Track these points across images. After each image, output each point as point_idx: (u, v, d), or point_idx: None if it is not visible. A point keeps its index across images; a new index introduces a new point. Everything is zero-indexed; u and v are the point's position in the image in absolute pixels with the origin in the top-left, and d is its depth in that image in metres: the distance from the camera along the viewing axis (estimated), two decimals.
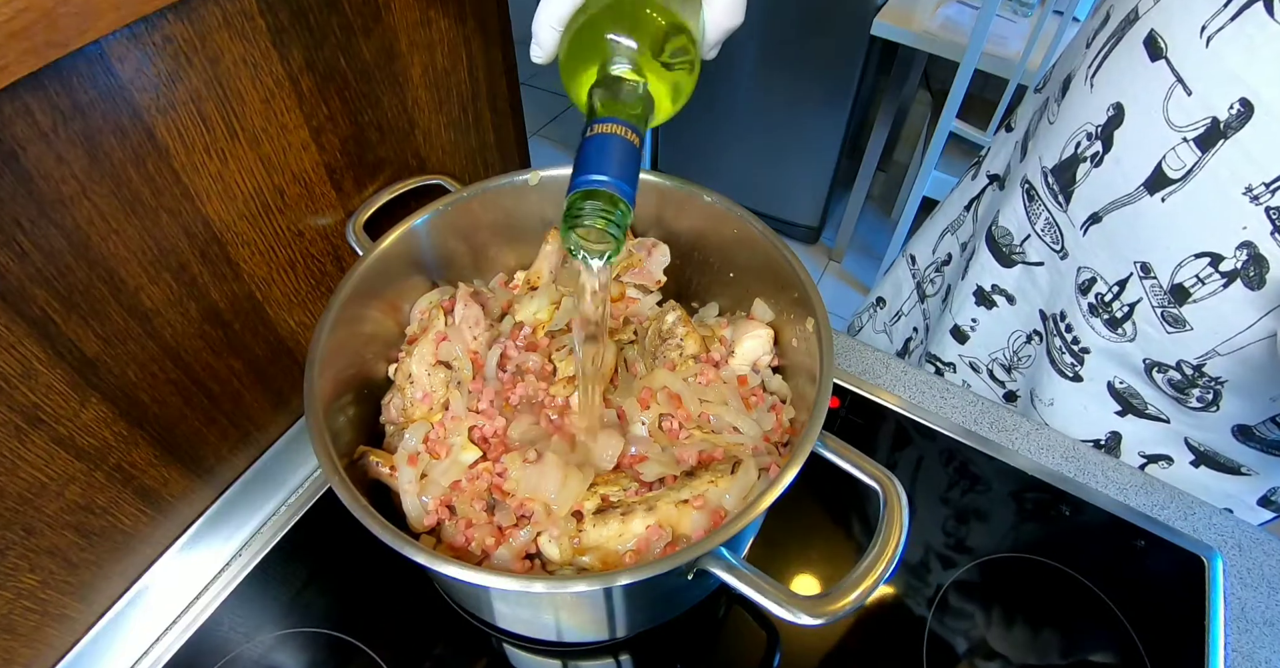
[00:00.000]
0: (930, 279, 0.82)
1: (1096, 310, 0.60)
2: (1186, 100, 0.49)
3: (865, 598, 0.39)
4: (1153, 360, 0.58)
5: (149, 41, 0.41)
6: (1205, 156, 0.48)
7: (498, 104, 0.73)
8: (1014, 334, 0.71)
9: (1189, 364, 0.56)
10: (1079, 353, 0.63)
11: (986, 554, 0.61)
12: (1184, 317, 0.54)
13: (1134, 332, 0.58)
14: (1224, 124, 0.47)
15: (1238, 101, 0.46)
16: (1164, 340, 0.56)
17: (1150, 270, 0.54)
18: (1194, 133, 0.48)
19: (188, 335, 0.52)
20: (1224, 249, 0.50)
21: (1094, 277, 0.59)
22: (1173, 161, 0.50)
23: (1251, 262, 0.49)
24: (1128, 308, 0.57)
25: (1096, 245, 0.58)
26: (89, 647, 0.54)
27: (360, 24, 0.54)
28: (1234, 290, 0.50)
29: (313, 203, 0.58)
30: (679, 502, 0.47)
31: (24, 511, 0.46)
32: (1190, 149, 0.49)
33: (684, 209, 0.61)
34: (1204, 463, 0.64)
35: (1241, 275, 0.49)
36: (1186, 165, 0.50)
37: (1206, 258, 0.51)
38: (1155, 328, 0.56)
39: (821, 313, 0.50)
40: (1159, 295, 0.55)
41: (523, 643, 0.57)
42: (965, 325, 0.75)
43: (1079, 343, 0.62)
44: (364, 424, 0.56)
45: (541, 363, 0.56)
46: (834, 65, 1.81)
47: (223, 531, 0.61)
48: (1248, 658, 0.56)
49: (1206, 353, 0.55)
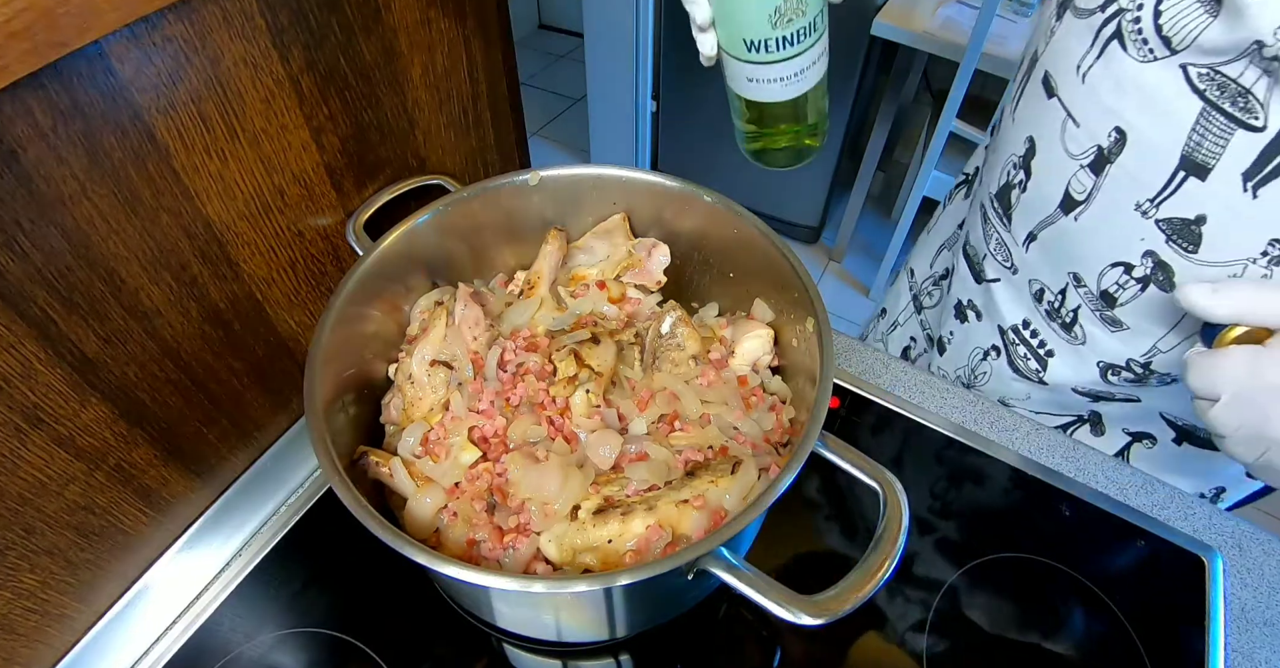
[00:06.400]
0: (928, 292, 0.85)
1: (1052, 316, 0.64)
2: (1077, 132, 0.54)
3: (866, 598, 0.39)
4: (1105, 362, 0.62)
5: (149, 41, 0.41)
6: (1099, 180, 0.54)
7: (498, 104, 0.73)
8: (974, 351, 0.75)
9: (1138, 362, 0.60)
10: (1044, 357, 0.67)
11: (986, 554, 0.61)
12: (1118, 318, 0.58)
13: (1084, 334, 0.62)
14: (1107, 151, 0.52)
15: (1114, 130, 0.51)
16: (1110, 341, 0.60)
17: (1081, 280, 0.59)
18: (1086, 160, 0.54)
19: (188, 335, 0.52)
20: (1132, 258, 0.54)
21: (1042, 287, 0.63)
22: (1076, 186, 0.56)
23: (1157, 268, 0.53)
24: (1073, 314, 0.62)
25: (1037, 260, 0.62)
26: (89, 647, 0.54)
27: (360, 24, 0.54)
28: (1151, 293, 0.55)
29: (313, 203, 0.58)
30: (679, 502, 0.47)
31: (24, 511, 0.46)
32: (1087, 174, 0.54)
33: (684, 209, 0.61)
34: (1186, 440, 0.66)
35: (1153, 281, 0.54)
36: (1087, 188, 0.55)
37: (1120, 267, 0.55)
38: (1100, 329, 0.60)
39: (821, 313, 0.50)
40: (1092, 301, 0.59)
41: (523, 643, 0.57)
42: (945, 337, 0.79)
43: (1045, 346, 0.66)
44: (364, 424, 0.56)
45: (541, 363, 0.57)
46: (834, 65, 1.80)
47: (223, 531, 0.61)
48: (1248, 658, 0.56)
49: (1149, 351, 0.58)
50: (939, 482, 0.66)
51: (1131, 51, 0.48)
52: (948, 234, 0.81)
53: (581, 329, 0.59)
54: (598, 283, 0.64)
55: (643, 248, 0.64)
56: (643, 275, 0.65)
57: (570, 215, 0.64)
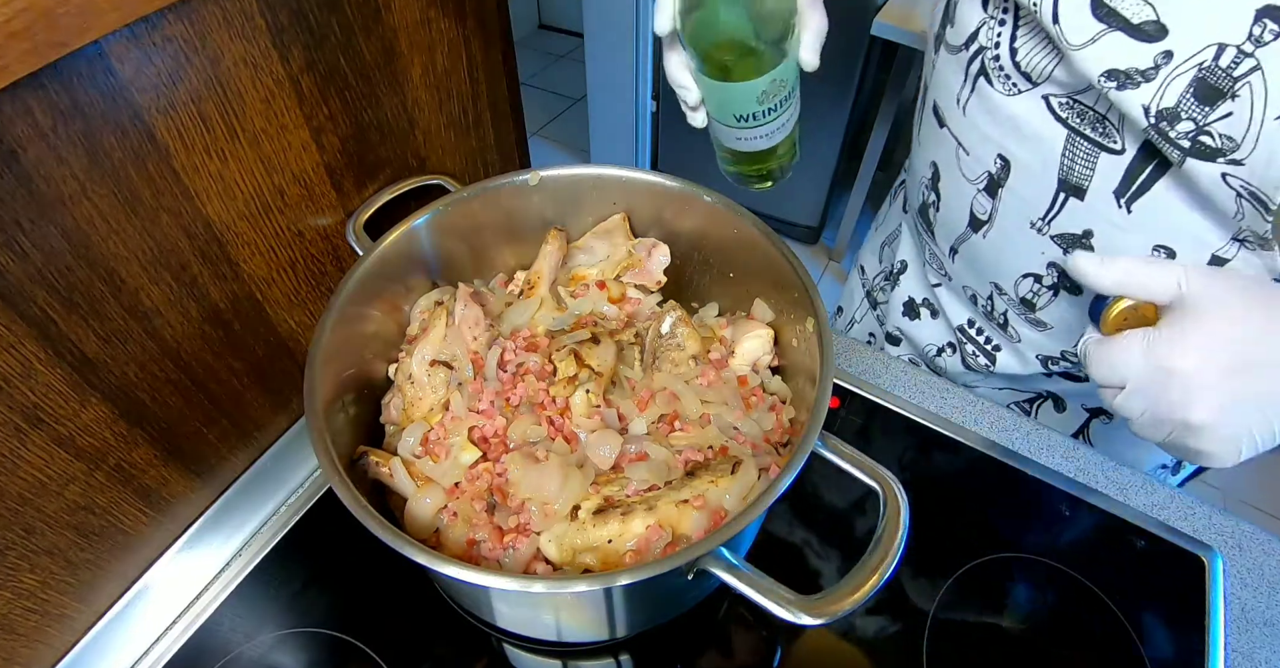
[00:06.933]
0: (880, 287, 0.85)
1: (989, 317, 0.66)
2: (968, 159, 0.56)
3: (865, 599, 0.39)
4: (1043, 355, 0.64)
5: (149, 41, 0.41)
6: (995, 202, 0.56)
7: (498, 104, 0.73)
8: (927, 347, 0.77)
9: (1071, 352, 0.62)
10: (991, 352, 0.69)
11: (986, 554, 0.61)
12: (1041, 319, 0.61)
13: (1017, 334, 0.64)
14: (996, 176, 0.55)
15: (998, 157, 0.54)
16: (1040, 338, 0.63)
17: (1001, 288, 0.61)
18: (981, 185, 0.56)
19: (188, 335, 0.52)
20: (1038, 269, 0.57)
21: (974, 293, 0.66)
22: (978, 208, 0.58)
23: (1062, 276, 0.56)
24: (1003, 316, 0.64)
25: (963, 270, 0.65)
26: (89, 647, 0.54)
27: (360, 24, 0.54)
28: (1063, 298, 0.57)
29: (313, 203, 0.58)
30: (679, 502, 0.47)
31: (24, 511, 0.46)
32: (985, 197, 0.57)
33: (684, 209, 0.61)
34: None
35: (1062, 287, 0.57)
36: (987, 210, 0.57)
37: (1031, 277, 0.58)
38: (1029, 329, 0.63)
39: (821, 313, 0.50)
40: (1015, 307, 0.62)
41: (523, 643, 0.57)
42: (894, 332, 0.81)
43: (990, 342, 0.69)
44: (364, 424, 0.56)
45: (541, 363, 0.57)
46: (834, 65, 1.80)
47: (223, 531, 0.61)
48: (1248, 658, 0.56)
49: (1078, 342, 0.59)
50: (939, 482, 0.66)
51: (998, 86, 0.51)
52: (890, 230, 0.82)
53: (581, 329, 0.59)
54: (598, 283, 0.64)
55: (643, 248, 0.64)
56: (643, 275, 0.65)
57: (570, 215, 0.64)
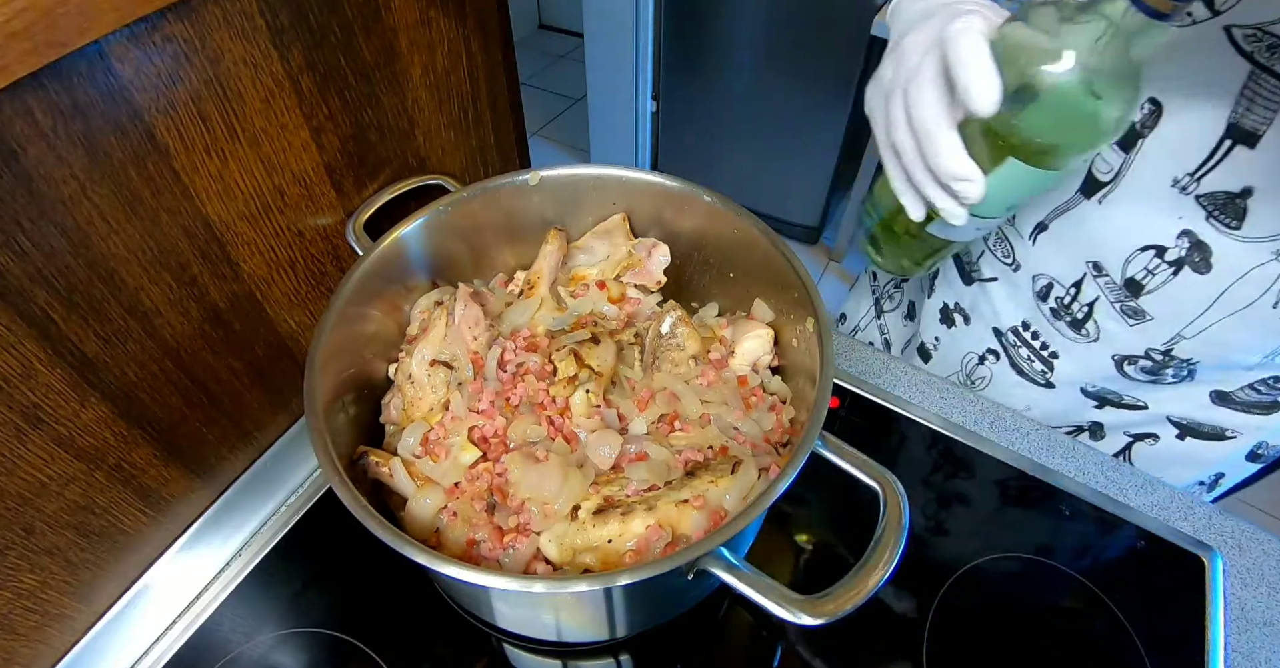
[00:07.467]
0: (889, 295, 0.83)
1: (1059, 314, 0.62)
2: None
3: (865, 598, 0.39)
4: (1121, 355, 0.60)
5: (149, 41, 0.41)
6: (1129, 156, 0.51)
7: (498, 104, 0.73)
8: (967, 356, 0.73)
9: (1157, 351, 0.58)
10: (1048, 359, 0.65)
11: (986, 554, 0.61)
12: (1142, 308, 0.56)
13: (1097, 331, 0.60)
14: (1139, 124, 0.49)
15: (1148, 101, 0.48)
16: (1128, 334, 0.58)
17: (1102, 268, 0.56)
18: None
19: (188, 335, 0.52)
20: (1165, 240, 0.52)
21: (1050, 282, 0.61)
22: (1101, 166, 0.53)
23: (1194, 248, 0.51)
24: (1087, 307, 0.59)
25: (1048, 252, 0.60)
26: (89, 647, 0.54)
27: (360, 24, 0.54)
28: (1184, 277, 0.52)
29: (313, 203, 0.58)
30: (679, 502, 0.47)
31: (24, 510, 0.46)
32: (1114, 152, 0.51)
33: (684, 209, 0.61)
34: (1189, 435, 0.65)
35: (1187, 263, 0.52)
36: (1114, 167, 0.52)
37: (1151, 250, 0.53)
38: (1117, 323, 0.58)
39: (821, 313, 0.50)
40: (1114, 291, 0.57)
41: (523, 643, 0.57)
42: (930, 343, 0.77)
43: (1047, 348, 0.64)
44: (364, 424, 0.56)
45: (541, 363, 0.57)
46: (834, 65, 1.81)
47: (223, 531, 0.61)
48: (1248, 658, 0.56)
49: (1172, 339, 0.57)
50: (938, 482, 0.66)
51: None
52: None
53: (581, 329, 0.59)
54: (598, 283, 0.64)
55: (643, 248, 0.64)
56: (643, 275, 0.65)
57: (570, 215, 0.64)
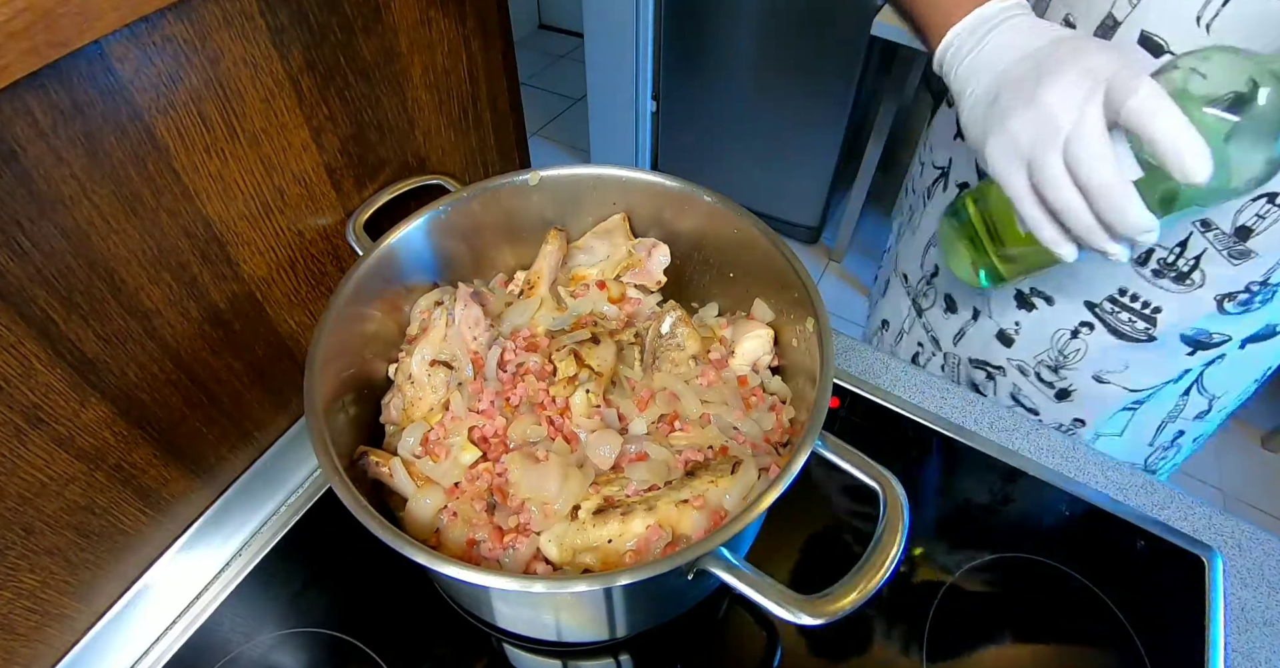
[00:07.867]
0: (923, 293, 0.83)
1: (1161, 273, 0.62)
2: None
3: (865, 598, 0.39)
4: (1222, 294, 0.61)
5: (149, 41, 0.41)
6: None
7: (498, 104, 0.73)
8: (1058, 333, 0.72)
9: (1256, 282, 0.60)
10: (1150, 315, 0.66)
11: (986, 554, 0.61)
12: (1251, 249, 0.57)
13: (1202, 278, 0.61)
14: None
15: None
16: (1231, 273, 0.60)
17: (1210, 225, 0.57)
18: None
19: (188, 335, 0.52)
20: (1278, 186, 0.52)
21: (1151, 248, 0.61)
22: None
23: None
24: (1193, 260, 0.60)
25: None
26: (89, 647, 0.54)
27: (360, 24, 0.54)
28: None
29: (313, 203, 0.58)
30: (679, 502, 0.47)
31: (24, 510, 0.46)
32: None
33: (684, 209, 0.61)
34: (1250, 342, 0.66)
35: None
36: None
37: (1264, 198, 0.54)
38: (1222, 267, 0.60)
39: (821, 313, 0.50)
40: (1223, 240, 0.58)
41: (523, 643, 0.57)
42: (1010, 329, 0.76)
43: (1149, 305, 0.65)
44: (364, 424, 0.56)
45: (541, 363, 0.57)
46: (834, 65, 1.81)
47: (223, 531, 0.61)
48: (1248, 658, 0.56)
49: (1271, 269, 0.58)
50: (939, 482, 0.66)
51: None
52: (932, 231, 0.81)
53: (581, 329, 0.59)
54: (598, 283, 0.64)
55: (643, 248, 0.64)
56: (643, 275, 0.65)
57: (570, 215, 0.64)
